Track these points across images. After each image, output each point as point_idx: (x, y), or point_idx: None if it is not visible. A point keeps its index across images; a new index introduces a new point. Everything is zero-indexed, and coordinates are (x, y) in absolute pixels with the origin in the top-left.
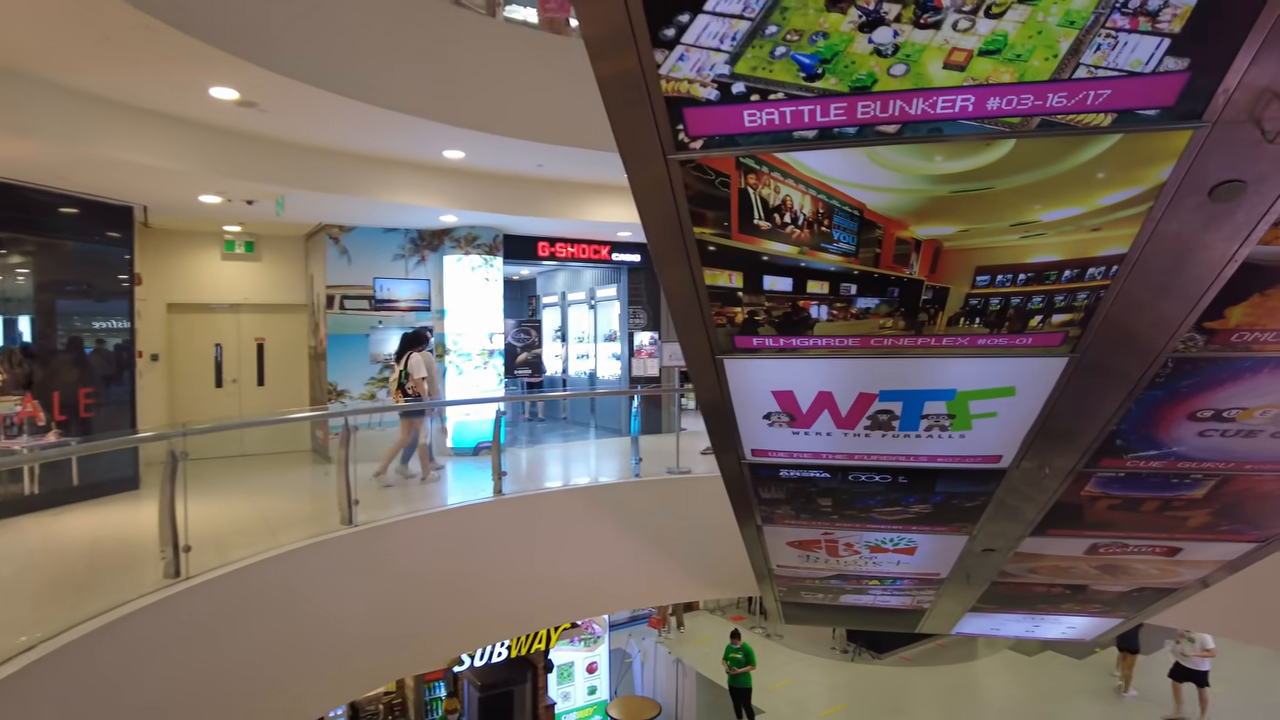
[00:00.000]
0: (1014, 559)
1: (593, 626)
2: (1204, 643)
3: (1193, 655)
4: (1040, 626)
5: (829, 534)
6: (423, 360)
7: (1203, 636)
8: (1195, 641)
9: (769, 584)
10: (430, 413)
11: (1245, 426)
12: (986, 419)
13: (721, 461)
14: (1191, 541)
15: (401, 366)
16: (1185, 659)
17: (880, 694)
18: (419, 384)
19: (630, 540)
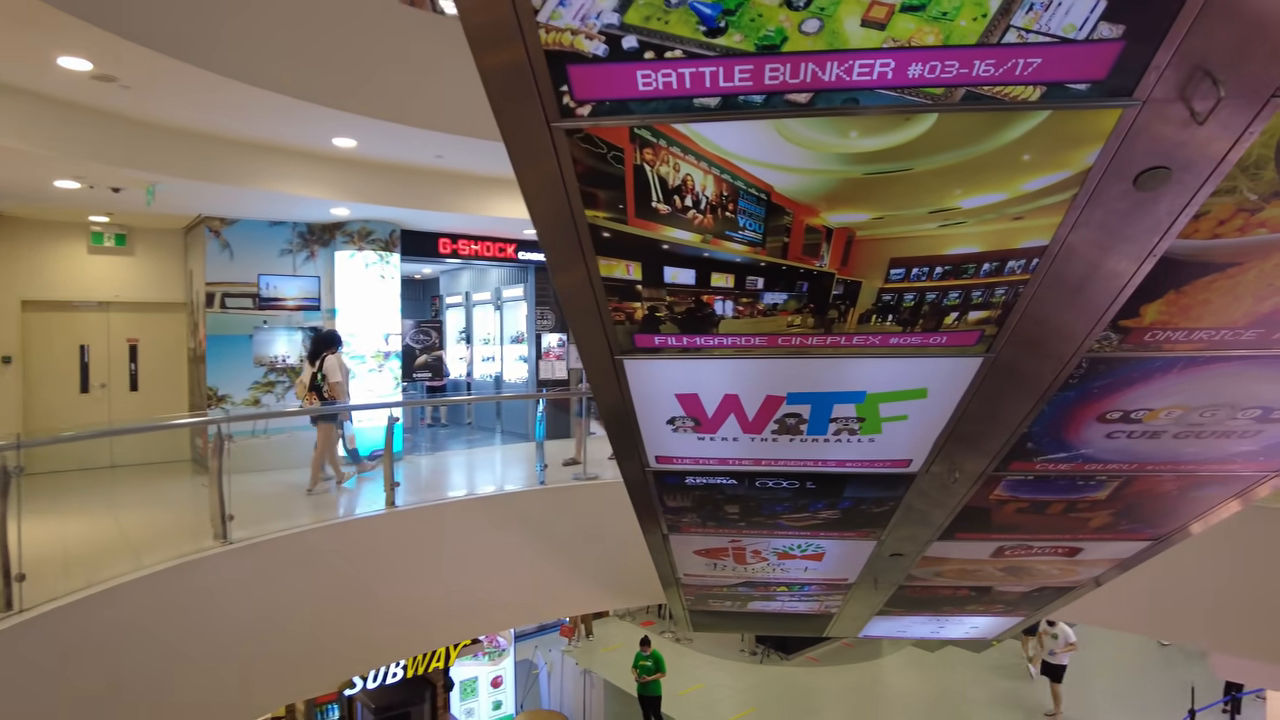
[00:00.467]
0: (921, 563)
1: (497, 640)
2: (1066, 636)
3: (1058, 651)
4: (945, 627)
5: (736, 542)
6: (338, 363)
7: (1065, 630)
8: (1058, 636)
9: (676, 592)
10: (345, 416)
11: (1150, 428)
12: (897, 422)
13: (624, 469)
14: (1092, 542)
15: (316, 369)
16: (1049, 655)
17: (789, 695)
18: (334, 387)
19: (535, 550)
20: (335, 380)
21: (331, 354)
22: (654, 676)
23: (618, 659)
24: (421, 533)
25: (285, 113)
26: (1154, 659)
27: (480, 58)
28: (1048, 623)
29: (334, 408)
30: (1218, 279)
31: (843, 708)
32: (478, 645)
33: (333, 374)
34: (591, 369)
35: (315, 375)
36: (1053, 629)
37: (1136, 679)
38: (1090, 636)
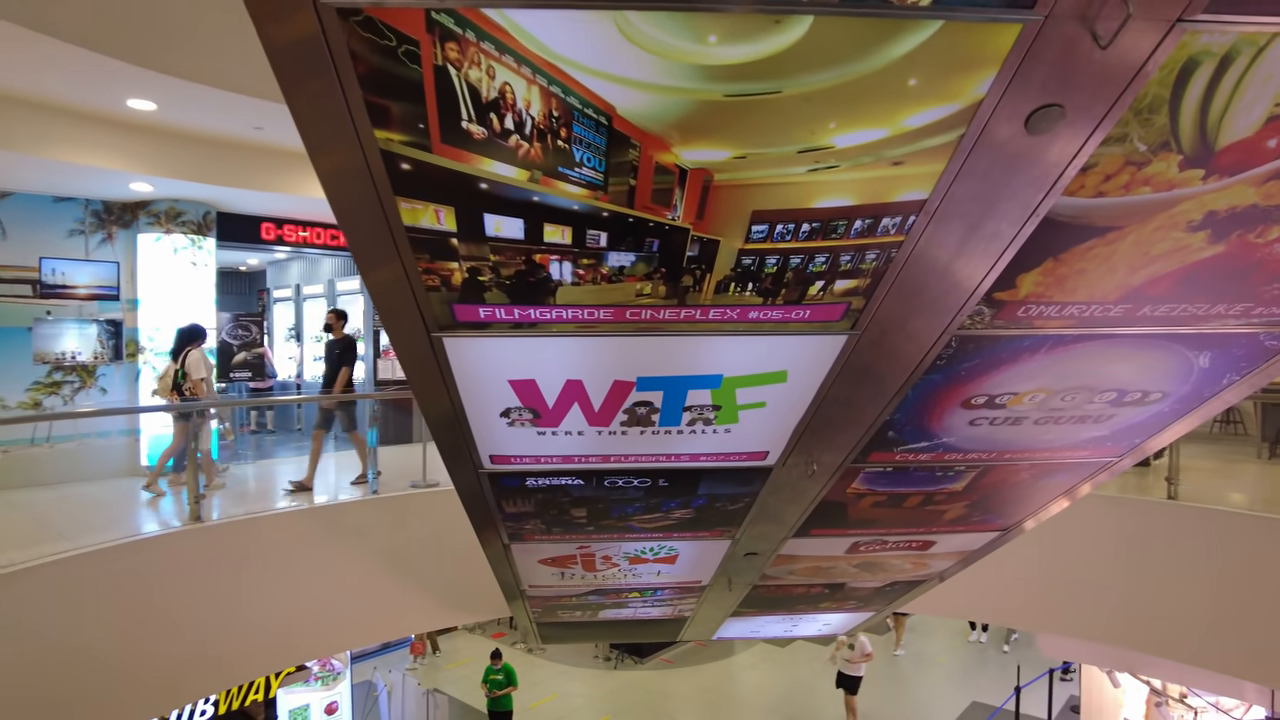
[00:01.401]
0: (776, 561)
1: (331, 662)
2: (863, 647)
3: (854, 660)
4: (798, 626)
5: (585, 548)
6: (201, 358)
7: (862, 642)
8: (855, 647)
9: (522, 605)
10: (208, 415)
11: (1013, 414)
12: (755, 410)
13: (455, 474)
14: (945, 534)
15: (178, 365)
16: (844, 665)
17: (644, 700)
18: (198, 385)
19: (369, 566)
20: (199, 377)
21: (195, 349)
22: (505, 690)
23: (468, 674)
24: (235, 550)
25: (67, 64)
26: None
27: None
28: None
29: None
30: (1096, 245)
31: (697, 708)
32: (305, 671)
33: (196, 370)
34: (404, 351)
35: (177, 373)
36: (849, 639)
37: (970, 664)
38: (927, 624)
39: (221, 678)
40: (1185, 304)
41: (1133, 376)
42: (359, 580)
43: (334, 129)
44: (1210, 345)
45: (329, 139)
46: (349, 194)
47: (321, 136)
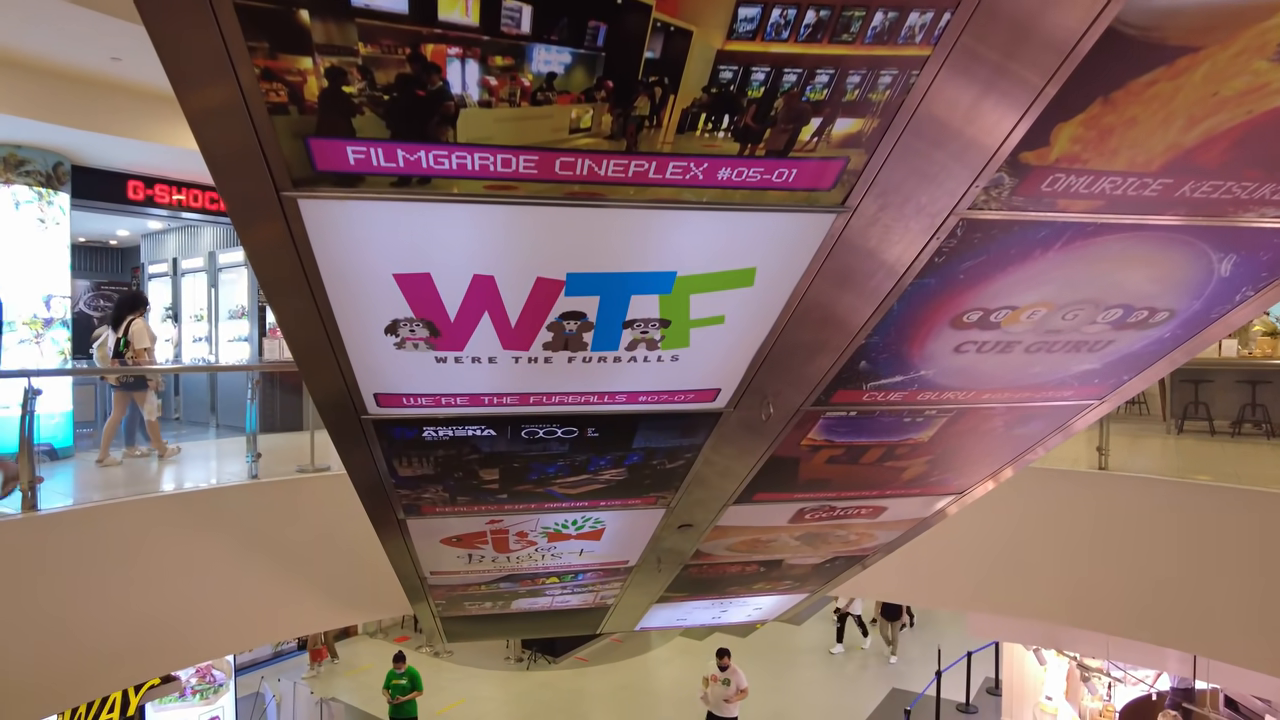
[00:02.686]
0: (712, 534)
1: (212, 673)
2: (739, 682)
3: (731, 699)
4: (727, 611)
5: (496, 522)
6: (144, 328)
7: (738, 676)
8: (730, 682)
9: (423, 596)
10: (154, 384)
11: (1005, 336)
12: (710, 328)
13: (333, 426)
14: (899, 498)
15: (120, 334)
16: (716, 705)
17: (558, 700)
18: (140, 354)
19: (247, 559)
20: (142, 346)
21: (138, 318)
22: (409, 696)
23: (369, 681)
24: (81, 543)
25: None
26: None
27: None
28: (719, 665)
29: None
30: (1159, 79)
31: (613, 706)
32: (175, 683)
33: (139, 339)
34: (246, 226)
35: (119, 341)
36: (724, 673)
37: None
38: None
39: (65, 695)
40: (1232, 181)
41: (1146, 287)
42: (236, 576)
43: None
44: (1238, 246)
45: None
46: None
47: None
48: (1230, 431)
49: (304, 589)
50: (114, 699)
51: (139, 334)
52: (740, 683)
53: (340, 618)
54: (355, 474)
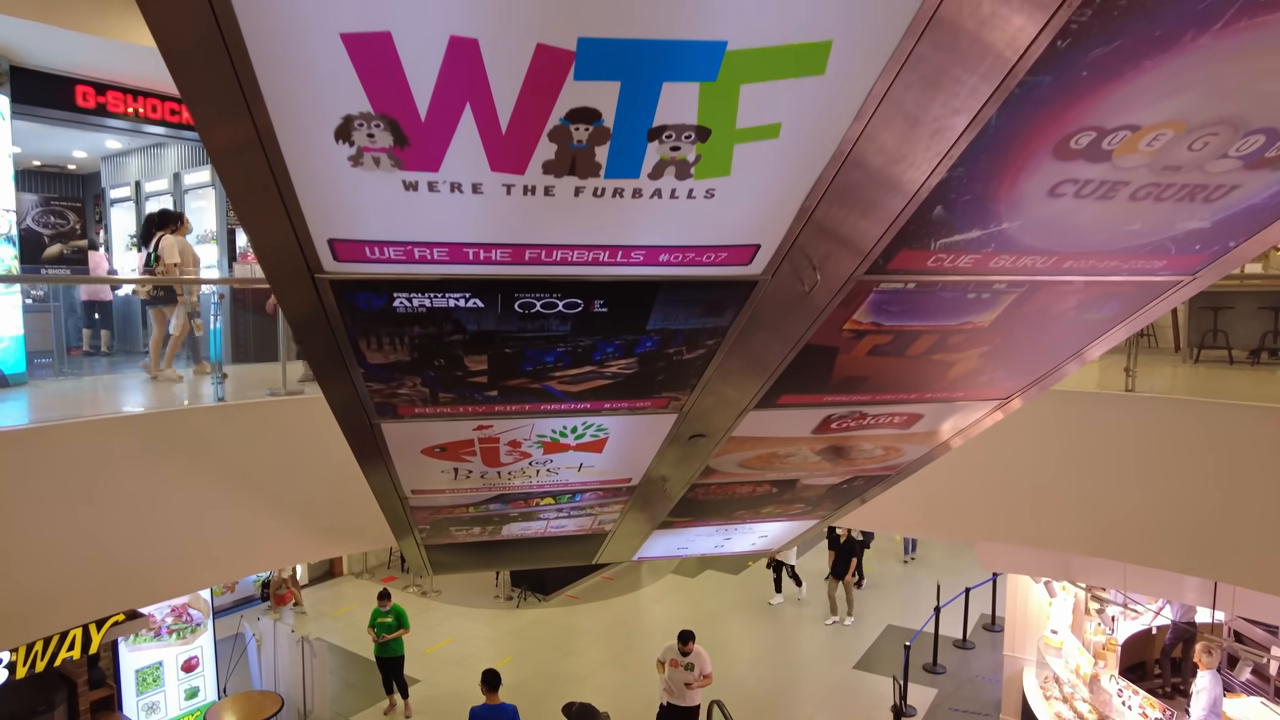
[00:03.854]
0: (726, 447)
1: (189, 612)
2: (702, 666)
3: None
4: (731, 539)
5: (486, 428)
6: (175, 244)
7: (701, 658)
8: (693, 667)
9: (405, 521)
10: (184, 301)
11: (1113, 174)
12: (759, 145)
13: (280, 286)
14: (937, 404)
15: (150, 251)
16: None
17: (548, 638)
18: (171, 270)
19: (214, 488)
20: (172, 262)
21: (168, 234)
22: (395, 635)
23: (354, 621)
24: (29, 466)
25: None
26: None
27: None
28: (681, 650)
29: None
30: None
31: (604, 643)
32: (140, 620)
33: (169, 255)
34: None
35: (150, 257)
36: (686, 658)
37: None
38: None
39: (14, 631)
40: None
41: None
42: (203, 506)
43: None
44: None
45: None
46: None
47: None
48: (1249, 360)
49: (278, 520)
50: (74, 636)
51: (169, 249)
52: (704, 667)
53: (318, 550)
54: (315, 361)
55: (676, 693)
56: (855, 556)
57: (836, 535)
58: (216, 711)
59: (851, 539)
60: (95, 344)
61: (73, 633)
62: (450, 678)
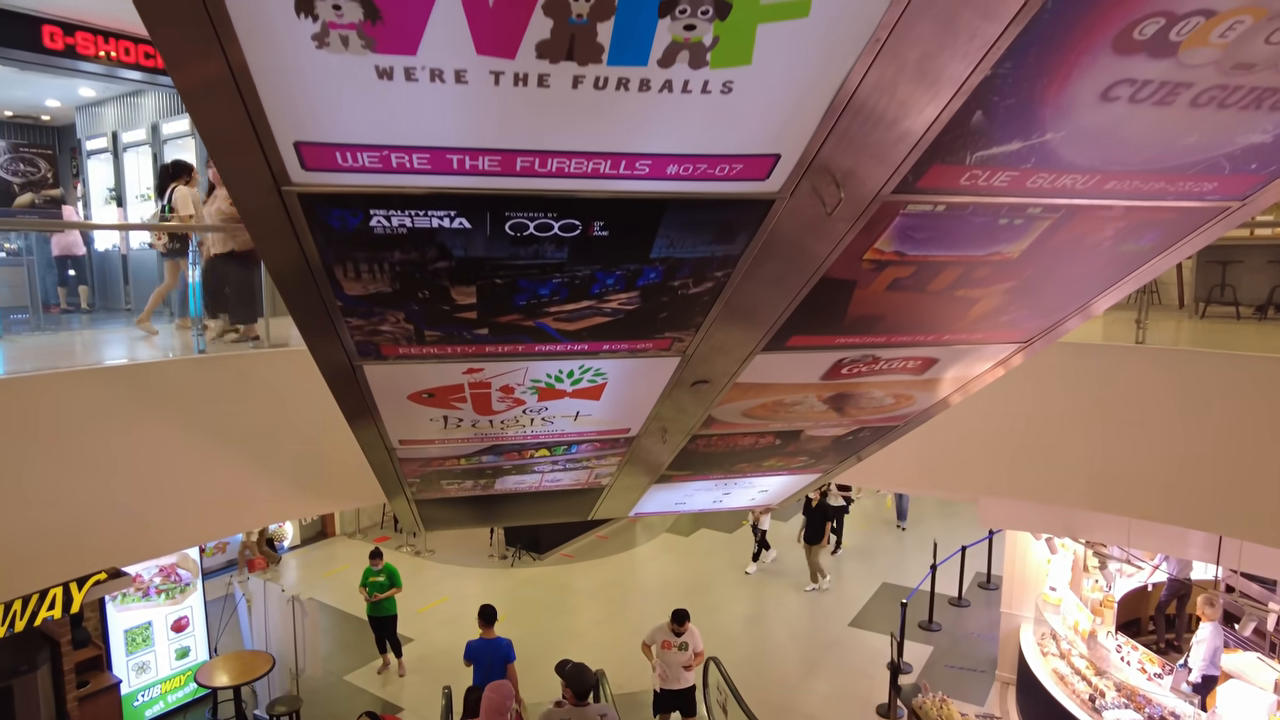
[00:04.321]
0: (730, 394)
1: (178, 572)
2: (695, 644)
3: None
4: (730, 494)
5: (476, 371)
6: (189, 195)
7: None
8: (686, 647)
9: (394, 474)
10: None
11: (1176, 73)
12: (785, 26)
13: (244, 201)
14: (954, 347)
15: (164, 202)
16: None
17: (542, 597)
18: (185, 221)
19: (197, 443)
20: (187, 213)
21: (182, 185)
22: (388, 594)
23: (346, 581)
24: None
25: None
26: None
27: None
28: (674, 630)
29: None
30: None
31: (598, 601)
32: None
33: (184, 206)
34: None
35: (163, 209)
36: (680, 637)
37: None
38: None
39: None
40: None
41: None
42: (185, 462)
43: None
44: None
45: None
46: None
47: None
48: (1255, 316)
49: (262, 477)
50: (54, 595)
51: (183, 200)
52: (697, 645)
53: (305, 507)
54: (288, 292)
55: (672, 676)
56: (829, 521)
57: (809, 500)
58: (207, 671)
59: (825, 504)
60: (74, 301)
61: (53, 591)
62: (444, 636)
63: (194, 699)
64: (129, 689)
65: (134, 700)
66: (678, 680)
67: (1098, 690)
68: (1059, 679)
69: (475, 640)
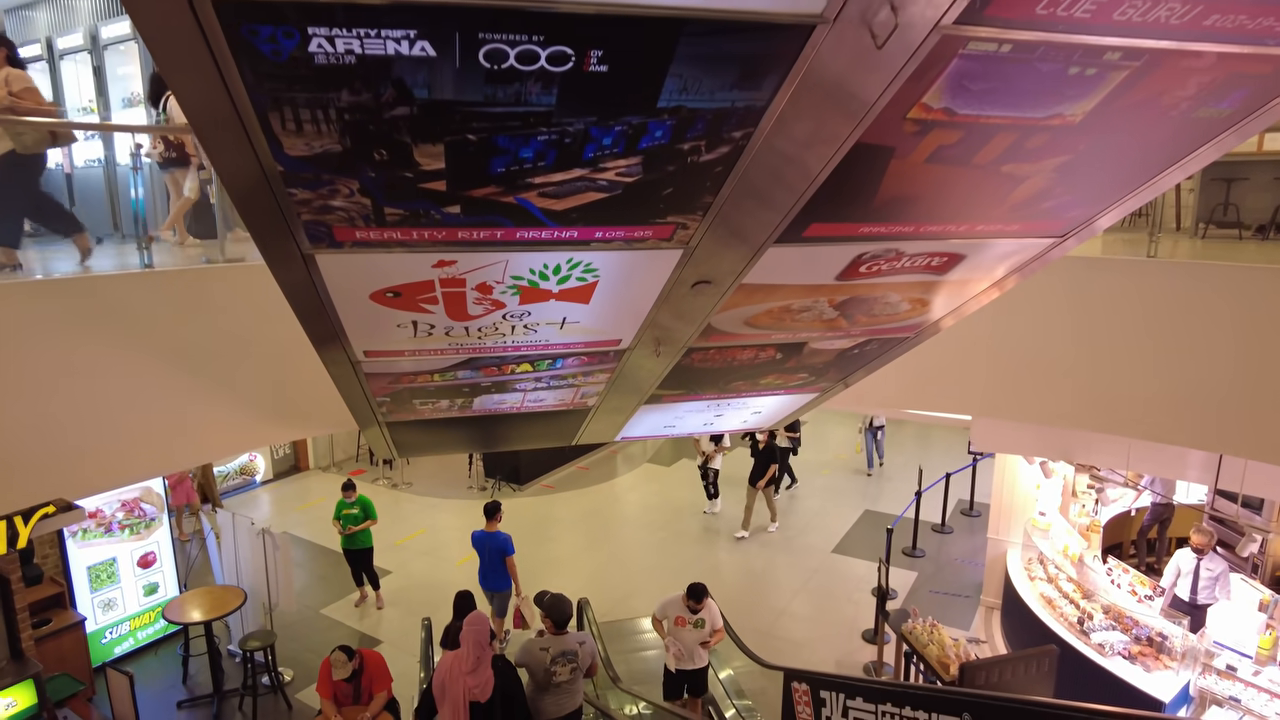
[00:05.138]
0: (734, 297)
1: (141, 506)
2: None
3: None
4: (723, 415)
5: (448, 264)
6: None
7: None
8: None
9: (360, 392)
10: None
11: None
12: None
13: (137, 10)
14: (985, 240)
15: (160, 111)
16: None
17: (524, 527)
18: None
19: (147, 366)
20: (183, 122)
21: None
22: (362, 526)
23: (321, 514)
24: None
25: None
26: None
27: None
28: (690, 607)
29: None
30: None
31: (579, 531)
32: (74, 514)
33: (179, 114)
34: None
35: (159, 118)
36: (696, 614)
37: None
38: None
39: None
40: None
41: None
42: (132, 386)
43: None
44: None
45: None
46: None
47: None
48: (1256, 236)
49: (220, 404)
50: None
51: (177, 110)
52: (715, 621)
53: (268, 436)
54: (216, 153)
55: (687, 656)
56: (775, 463)
57: (756, 441)
58: (176, 606)
59: (772, 445)
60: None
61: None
62: (423, 567)
63: (165, 635)
64: (95, 626)
65: (101, 638)
66: (693, 659)
67: (1086, 613)
68: (1046, 602)
69: (478, 531)
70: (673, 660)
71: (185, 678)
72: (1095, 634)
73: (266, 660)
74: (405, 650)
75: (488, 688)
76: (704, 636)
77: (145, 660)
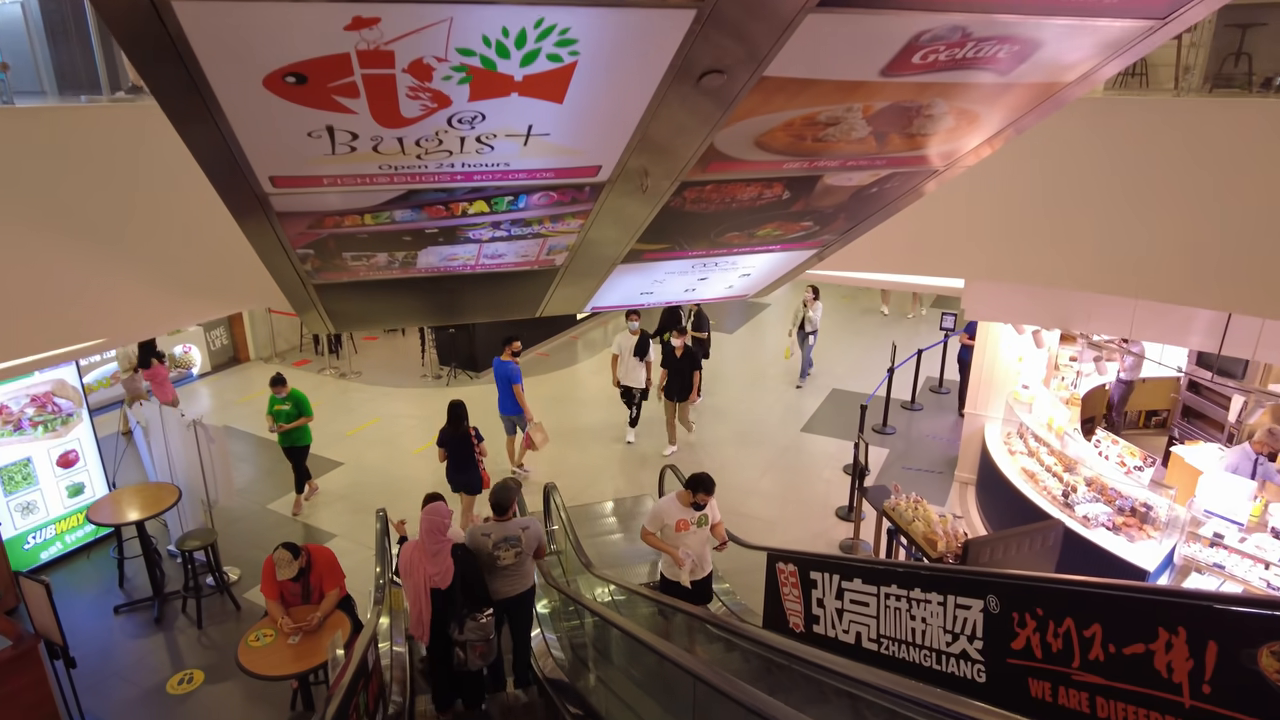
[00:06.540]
0: (751, 99)
1: (54, 401)
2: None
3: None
4: (707, 279)
5: (367, 20)
6: None
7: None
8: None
9: (274, 238)
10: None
11: None
12: None
13: None
14: (1077, 20)
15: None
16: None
17: (483, 415)
18: None
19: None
20: None
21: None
22: (296, 423)
23: (263, 406)
24: None
25: None
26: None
27: None
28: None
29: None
30: None
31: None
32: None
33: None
34: None
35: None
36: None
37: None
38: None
39: None
40: None
41: None
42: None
43: None
44: None
45: None
46: None
47: None
48: (1260, 92)
49: (129, 272)
50: None
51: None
52: (715, 516)
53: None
54: None
55: (699, 563)
56: (698, 369)
57: (672, 349)
58: (104, 506)
59: (690, 351)
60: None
61: None
62: (377, 458)
63: (97, 538)
64: (14, 532)
65: (23, 543)
66: (704, 565)
67: (1070, 486)
68: (1028, 476)
69: (496, 358)
70: (685, 574)
71: (122, 581)
72: (1079, 506)
73: (209, 559)
74: (361, 543)
75: (448, 575)
76: (709, 536)
77: (77, 564)
